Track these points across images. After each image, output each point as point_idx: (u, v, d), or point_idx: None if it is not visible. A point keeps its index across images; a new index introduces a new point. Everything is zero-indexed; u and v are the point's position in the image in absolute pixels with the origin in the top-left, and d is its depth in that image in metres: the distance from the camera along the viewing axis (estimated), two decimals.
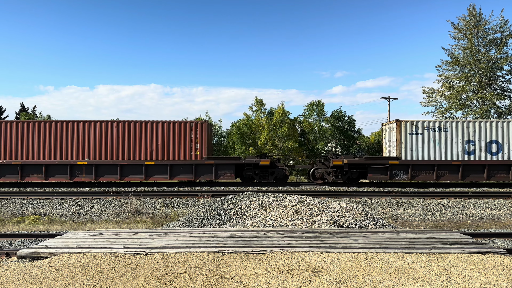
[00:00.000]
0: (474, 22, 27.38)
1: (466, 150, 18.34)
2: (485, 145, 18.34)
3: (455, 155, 18.30)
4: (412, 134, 18.40)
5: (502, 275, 5.18)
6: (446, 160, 18.16)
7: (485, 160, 18.21)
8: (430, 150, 18.34)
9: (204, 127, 18.82)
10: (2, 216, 12.06)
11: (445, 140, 18.36)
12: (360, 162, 18.31)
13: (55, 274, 5.24)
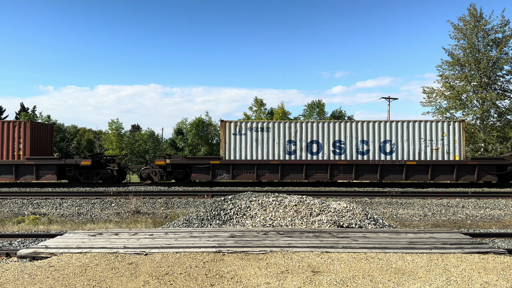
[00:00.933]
0: (474, 22, 27.38)
1: (287, 150, 18.57)
2: (306, 146, 18.56)
3: (277, 155, 18.49)
4: (236, 135, 18.58)
5: (502, 275, 5.18)
6: (267, 160, 18.36)
7: (305, 160, 18.40)
8: (253, 150, 18.54)
9: (27, 127, 18.56)
10: (2, 216, 12.06)
11: (267, 141, 18.57)
12: (182, 162, 18.35)
13: (55, 274, 5.24)
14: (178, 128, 35.95)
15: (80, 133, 43.53)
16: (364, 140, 18.58)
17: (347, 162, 18.36)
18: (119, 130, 33.31)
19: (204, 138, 30.67)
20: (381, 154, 18.46)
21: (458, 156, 18.31)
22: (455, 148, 18.41)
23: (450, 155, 18.38)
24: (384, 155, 18.46)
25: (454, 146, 18.41)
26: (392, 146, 18.47)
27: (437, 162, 18.23)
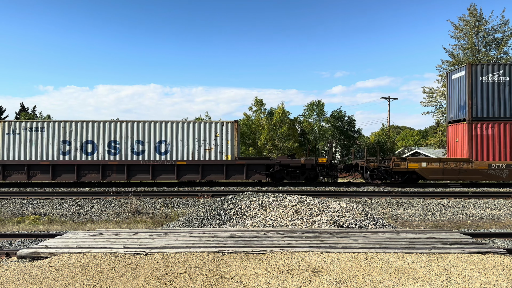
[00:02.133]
0: (474, 22, 27.41)
1: (61, 151, 18.49)
2: (81, 146, 18.55)
3: (51, 156, 18.42)
4: (10, 135, 18.47)
5: (502, 275, 5.18)
6: (38, 160, 18.28)
7: (79, 161, 18.40)
8: (26, 150, 18.42)
9: None
10: (2, 216, 12.06)
11: (41, 141, 18.49)
12: None
13: (55, 274, 5.24)
14: None
15: None
16: (140, 141, 18.67)
17: (120, 163, 18.40)
18: None
19: None
20: (156, 154, 18.63)
21: (230, 156, 18.64)
22: (227, 148, 18.66)
23: (223, 155, 18.67)
24: (159, 155, 18.63)
25: (227, 146, 18.67)
26: (167, 146, 18.66)
27: (207, 162, 18.53)
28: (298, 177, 18.80)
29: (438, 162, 18.04)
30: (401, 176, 18.58)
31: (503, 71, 18.14)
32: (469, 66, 18.29)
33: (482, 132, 18.04)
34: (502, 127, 18.00)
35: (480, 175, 17.95)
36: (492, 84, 18.18)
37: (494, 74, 18.19)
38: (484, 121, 18.05)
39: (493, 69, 18.25)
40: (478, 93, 18.21)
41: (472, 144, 18.07)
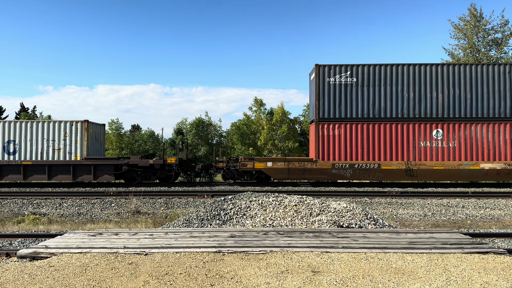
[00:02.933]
0: (474, 22, 27.40)
1: None
2: (3, 146, 18.57)
3: None
4: None
5: (502, 275, 5.18)
6: None
7: (2, 161, 18.43)
8: None
9: None
10: (2, 216, 12.06)
11: None
12: None
13: (55, 274, 5.24)
14: (178, 128, 35.97)
15: None
16: None
17: None
18: (119, 130, 33.32)
19: (204, 138, 30.68)
20: (5, 154, 18.60)
21: (79, 156, 18.67)
22: (76, 148, 18.67)
23: (72, 155, 18.67)
24: (8, 155, 18.61)
25: (76, 146, 18.67)
26: (16, 146, 18.65)
27: (54, 162, 18.50)
28: (150, 177, 18.90)
29: (283, 162, 18.32)
30: (250, 175, 18.85)
31: (351, 73, 18.34)
32: (317, 67, 18.43)
33: (328, 132, 18.21)
34: (349, 128, 18.19)
35: (324, 175, 18.20)
36: (339, 85, 18.36)
37: (341, 75, 18.36)
38: (331, 122, 18.22)
39: (340, 71, 18.40)
40: (326, 94, 18.36)
41: (319, 144, 18.24)
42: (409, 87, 18.30)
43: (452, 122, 18.05)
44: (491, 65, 18.33)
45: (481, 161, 17.80)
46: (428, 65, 18.40)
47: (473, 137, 17.96)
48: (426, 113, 18.21)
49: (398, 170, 17.84)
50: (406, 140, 18.07)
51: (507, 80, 18.13)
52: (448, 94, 18.25)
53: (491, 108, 18.18)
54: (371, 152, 18.10)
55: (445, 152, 17.98)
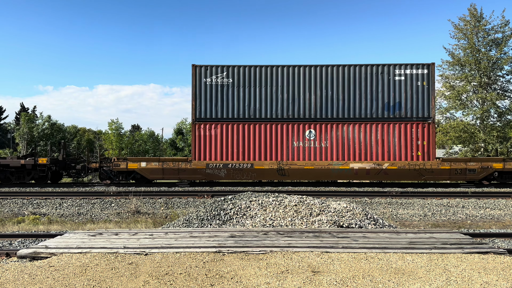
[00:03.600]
0: (474, 22, 27.39)
1: None
2: None
3: None
4: None
5: (502, 275, 5.18)
6: None
7: None
8: None
9: None
10: (2, 216, 12.06)
11: None
12: None
13: (55, 274, 5.24)
14: (178, 128, 35.95)
15: (80, 133, 43.56)
16: None
17: None
18: (119, 130, 33.30)
19: None
20: None
21: None
22: None
23: None
24: None
25: None
26: None
27: None
28: (24, 178, 18.85)
29: (157, 162, 18.37)
30: (126, 176, 18.78)
31: (227, 73, 18.48)
32: (193, 67, 18.54)
33: (205, 132, 18.35)
34: (225, 128, 18.33)
35: (199, 175, 18.27)
36: (215, 86, 18.52)
37: (217, 76, 18.51)
38: (207, 122, 18.37)
39: (216, 71, 18.52)
40: (202, 94, 18.55)
41: (195, 144, 18.39)
42: (283, 88, 18.53)
43: (325, 123, 18.29)
44: (363, 66, 18.48)
45: (351, 161, 18.07)
46: (302, 67, 18.62)
47: (345, 137, 18.21)
48: (300, 114, 18.46)
49: (270, 170, 18.04)
50: (280, 140, 18.30)
51: (379, 81, 18.37)
52: (321, 95, 18.50)
53: (363, 109, 18.39)
54: (246, 152, 18.29)
55: (317, 152, 18.22)
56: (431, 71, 18.27)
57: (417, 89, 18.24)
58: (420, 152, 17.98)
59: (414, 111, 18.19)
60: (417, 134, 18.04)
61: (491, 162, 18.06)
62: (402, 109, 18.23)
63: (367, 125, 18.21)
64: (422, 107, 18.23)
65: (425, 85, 18.21)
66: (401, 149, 18.04)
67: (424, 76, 18.24)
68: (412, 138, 18.02)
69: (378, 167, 17.89)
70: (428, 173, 17.87)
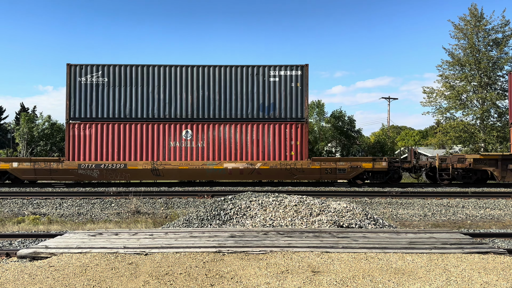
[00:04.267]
0: (475, 22, 27.38)
1: None
2: None
3: None
4: None
5: (502, 275, 5.18)
6: None
7: None
8: None
9: None
10: (2, 216, 12.06)
11: None
12: None
13: (55, 274, 5.24)
14: None
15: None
16: None
17: None
18: None
19: None
20: None
21: None
22: None
23: None
24: None
25: None
26: None
27: None
28: None
29: (29, 162, 18.24)
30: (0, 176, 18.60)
31: (102, 73, 18.42)
32: (68, 66, 18.45)
33: (79, 132, 18.26)
34: (100, 128, 18.27)
35: (71, 175, 18.16)
36: (91, 85, 18.43)
37: (93, 75, 18.44)
38: (82, 122, 18.31)
39: (92, 70, 18.45)
40: (77, 93, 18.44)
41: (69, 144, 18.28)
42: (160, 88, 18.57)
43: (201, 123, 18.41)
44: (239, 67, 18.59)
45: (225, 161, 18.18)
46: (179, 67, 18.65)
47: (221, 137, 18.34)
48: (176, 114, 18.52)
49: (144, 170, 18.03)
50: (156, 140, 18.31)
51: (255, 82, 18.50)
52: (198, 96, 18.60)
53: (239, 110, 18.53)
54: (122, 152, 18.26)
55: (193, 152, 18.29)
56: (304, 72, 18.46)
57: (291, 90, 18.49)
58: (294, 152, 18.26)
59: (288, 112, 18.48)
60: (290, 134, 18.34)
61: (360, 162, 18.35)
62: (277, 110, 18.48)
63: (243, 125, 18.37)
64: (296, 108, 18.49)
65: (299, 87, 18.43)
66: (275, 149, 18.28)
67: (298, 78, 18.46)
68: (286, 138, 18.30)
69: (251, 167, 18.06)
70: (299, 173, 18.16)
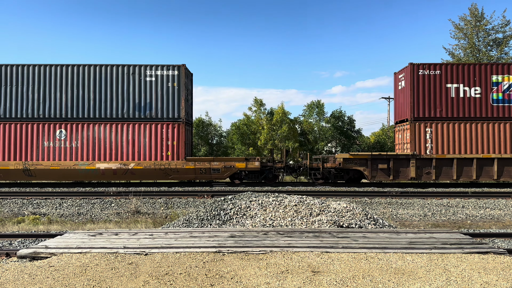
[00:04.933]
0: (475, 22, 27.41)
1: None
2: None
3: None
4: None
5: (502, 275, 5.18)
6: None
7: None
8: None
9: None
10: (2, 216, 12.06)
11: None
12: None
13: (55, 274, 5.24)
14: None
15: None
16: None
17: None
18: None
19: (204, 138, 30.65)
20: None
21: None
22: None
23: None
24: None
25: None
26: None
27: None
28: None
29: None
30: None
31: None
32: None
33: None
34: None
35: None
36: None
37: None
38: None
39: None
40: None
41: None
42: (35, 87, 18.45)
43: (76, 123, 18.32)
44: (115, 66, 18.58)
45: (98, 161, 18.12)
46: (54, 66, 18.58)
47: (96, 137, 18.29)
48: (51, 114, 18.41)
49: (15, 170, 17.98)
50: (30, 140, 18.22)
51: (131, 82, 18.49)
52: (72, 95, 18.51)
53: (114, 109, 18.47)
54: None
55: (67, 152, 18.23)
56: (181, 72, 18.50)
57: (167, 90, 18.49)
58: (170, 152, 18.29)
59: (165, 112, 18.41)
60: (167, 134, 18.31)
61: (234, 162, 18.41)
62: (153, 110, 18.41)
63: (118, 125, 18.31)
64: (173, 108, 18.47)
65: (176, 86, 18.47)
66: (151, 149, 18.23)
67: (174, 78, 18.49)
68: (162, 138, 18.29)
69: (125, 167, 18.03)
70: (173, 173, 18.23)
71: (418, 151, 18.01)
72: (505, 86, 17.94)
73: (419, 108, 18.08)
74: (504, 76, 17.93)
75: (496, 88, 17.97)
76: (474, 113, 18.00)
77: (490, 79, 17.99)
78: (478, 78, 17.94)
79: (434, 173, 17.88)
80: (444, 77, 18.02)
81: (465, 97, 18.01)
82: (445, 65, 18.25)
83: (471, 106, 18.03)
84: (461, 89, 18.02)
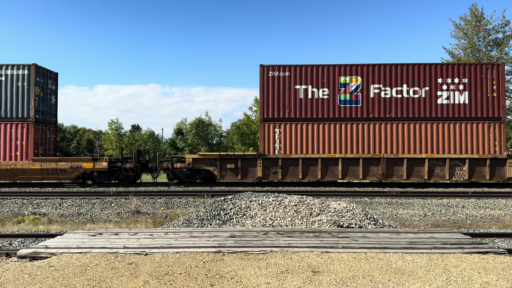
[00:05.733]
0: (475, 22, 27.40)
1: None
2: None
3: None
4: None
5: (502, 275, 5.18)
6: None
7: None
8: None
9: None
10: (2, 216, 12.06)
11: None
12: None
13: (55, 274, 5.24)
14: (178, 128, 35.95)
15: (80, 133, 43.55)
16: None
17: None
18: (119, 130, 33.32)
19: (204, 138, 30.69)
20: None
21: None
22: None
23: None
24: None
25: None
26: None
27: None
28: None
29: None
30: None
31: None
32: None
33: None
34: None
35: None
36: None
37: None
38: None
39: None
40: None
41: None
42: None
43: None
44: None
45: None
46: None
47: None
48: None
49: None
50: None
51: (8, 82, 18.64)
52: None
53: None
54: None
55: None
56: (31, 71, 18.62)
57: (17, 89, 18.63)
58: (19, 152, 18.41)
59: (14, 111, 18.55)
60: (16, 134, 18.45)
61: (81, 162, 18.39)
62: (2, 109, 18.52)
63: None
64: (23, 108, 18.60)
65: (26, 86, 18.62)
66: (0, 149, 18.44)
67: (25, 77, 18.64)
68: (11, 138, 18.40)
69: None
70: (20, 173, 18.27)
71: (267, 151, 18.09)
72: (353, 87, 17.99)
73: (269, 108, 18.17)
74: (352, 77, 17.98)
75: (344, 89, 18.04)
76: (322, 114, 18.06)
77: (338, 80, 18.06)
78: (327, 79, 18.01)
79: (281, 173, 17.99)
80: (294, 79, 18.11)
81: (313, 98, 18.08)
82: (294, 67, 18.19)
83: (319, 107, 18.09)
84: (309, 90, 18.12)
